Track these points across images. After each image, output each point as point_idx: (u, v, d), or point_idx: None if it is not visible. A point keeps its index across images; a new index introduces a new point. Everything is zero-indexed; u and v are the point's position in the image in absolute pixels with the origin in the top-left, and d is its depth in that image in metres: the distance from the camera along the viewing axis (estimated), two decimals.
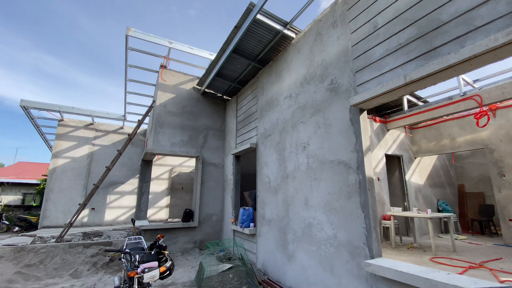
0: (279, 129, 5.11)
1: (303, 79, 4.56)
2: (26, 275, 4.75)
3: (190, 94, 7.80)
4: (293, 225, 4.36)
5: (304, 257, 4.02)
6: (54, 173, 9.34)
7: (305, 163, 4.23)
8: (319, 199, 3.85)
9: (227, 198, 7.32)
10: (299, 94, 4.63)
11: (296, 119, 4.61)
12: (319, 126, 4.04)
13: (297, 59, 4.82)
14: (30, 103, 8.73)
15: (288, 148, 4.76)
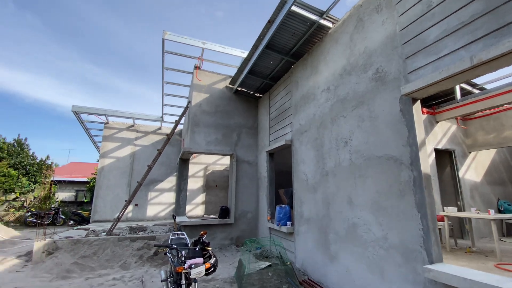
0: (316, 124, 4.90)
1: (343, 70, 4.30)
2: (82, 265, 5.19)
3: (223, 93, 7.89)
4: (335, 225, 4.15)
5: (348, 259, 3.80)
6: (102, 172, 10.15)
7: (348, 159, 3.99)
8: (365, 197, 3.59)
9: (262, 196, 7.28)
10: (338, 87, 4.38)
11: (336, 113, 4.37)
12: (363, 120, 3.77)
13: (335, 49, 4.56)
14: (80, 108, 9.56)
15: (327, 144, 4.54)
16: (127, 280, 4.58)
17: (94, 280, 4.59)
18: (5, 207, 14.41)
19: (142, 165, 10.76)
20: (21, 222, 13.00)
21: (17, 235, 7.84)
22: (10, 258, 5.72)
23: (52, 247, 5.64)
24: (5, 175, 14.20)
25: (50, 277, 4.65)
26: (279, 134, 6.55)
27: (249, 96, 8.19)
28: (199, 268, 2.73)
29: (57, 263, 5.08)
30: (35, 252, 5.47)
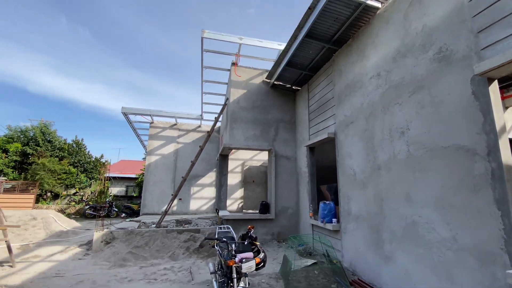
0: (365, 114, 4.54)
1: (396, 53, 3.89)
2: (136, 254, 5.57)
3: (260, 88, 7.81)
4: (390, 223, 3.81)
5: (406, 260, 3.45)
6: (149, 169, 10.86)
7: (405, 151, 3.61)
8: (427, 193, 3.21)
9: (302, 192, 7.07)
10: (390, 71, 3.99)
11: (389, 101, 3.99)
12: (422, 106, 3.36)
13: (386, 31, 4.16)
14: (128, 110, 10.30)
15: (378, 135, 4.18)
16: (176, 271, 4.79)
17: (147, 269, 4.88)
18: (66, 201, 16.31)
19: (184, 161, 11.26)
20: (81, 214, 14.57)
21: (78, 226, 8.78)
22: (73, 247, 6.39)
23: (109, 237, 6.16)
24: (66, 172, 16.04)
25: (109, 265, 5.07)
26: (320, 127, 6.27)
27: (286, 90, 8.00)
28: (250, 262, 2.70)
29: (114, 252, 5.53)
30: (95, 242, 6.03)
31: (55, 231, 7.24)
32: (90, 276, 4.46)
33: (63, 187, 16.02)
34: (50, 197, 15.56)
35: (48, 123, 16.56)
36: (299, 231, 7.16)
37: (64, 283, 4.16)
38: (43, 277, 4.43)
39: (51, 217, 7.63)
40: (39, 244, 6.50)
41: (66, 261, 5.33)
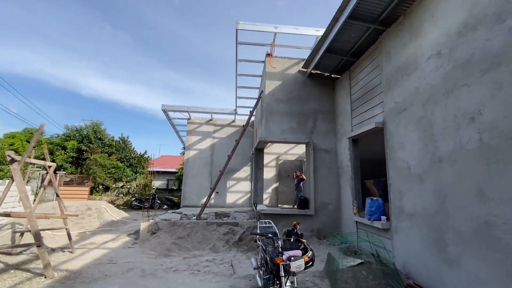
0: (421, 99, 4.02)
1: (462, 26, 3.33)
2: (179, 245, 5.76)
3: (296, 78, 7.49)
4: (456, 223, 3.32)
5: (477, 265, 2.97)
6: (188, 163, 11.25)
7: (475, 140, 3.09)
8: (506, 189, 2.70)
9: (344, 187, 6.66)
10: (455, 48, 3.43)
11: (453, 83, 3.45)
12: (500, 86, 2.82)
13: (449, 2, 3.58)
14: (168, 107, 10.73)
15: (439, 123, 3.66)
16: (218, 263, 4.82)
17: (191, 260, 5.00)
18: (115, 193, 17.78)
19: (220, 156, 11.45)
20: (128, 205, 15.76)
21: (126, 216, 9.46)
22: (123, 236, 6.85)
23: (154, 227, 6.47)
24: (115, 167, 17.45)
25: (155, 254, 5.31)
26: (365, 116, 5.79)
27: (324, 79, 7.56)
28: (299, 261, 2.52)
29: (159, 242, 5.78)
30: (142, 231, 6.38)
31: (107, 220, 7.88)
32: (138, 264, 4.70)
33: (112, 181, 17.48)
34: (102, 190, 17.11)
35: (99, 123, 18.13)
36: (340, 228, 6.79)
37: (116, 269, 4.44)
38: (98, 263, 4.79)
39: (103, 207, 8.32)
40: (94, 232, 7.11)
41: (117, 249, 5.72)
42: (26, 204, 4.06)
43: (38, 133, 4.24)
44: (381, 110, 5.13)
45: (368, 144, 7.05)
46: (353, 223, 6.11)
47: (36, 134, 4.25)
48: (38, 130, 4.25)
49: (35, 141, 4.24)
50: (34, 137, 4.25)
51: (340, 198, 6.91)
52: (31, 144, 4.18)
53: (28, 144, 15.49)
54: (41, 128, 4.30)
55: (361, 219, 5.53)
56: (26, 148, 14.55)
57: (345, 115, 6.76)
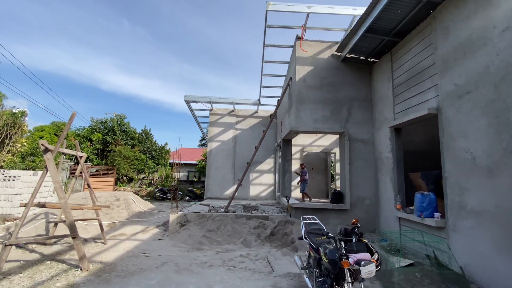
0: (492, 80, 3.44)
1: None
2: (210, 238, 5.56)
3: (329, 63, 6.96)
4: None
5: None
6: (210, 155, 11.09)
7: None
8: None
9: (384, 180, 6.15)
10: None
11: None
12: None
13: None
14: (190, 97, 10.54)
15: None
16: (253, 259, 4.57)
17: (224, 254, 4.78)
18: (138, 184, 18.14)
19: (243, 147, 11.19)
20: (151, 196, 16.00)
21: (152, 207, 9.47)
22: (152, 227, 6.78)
23: (183, 219, 6.32)
24: (138, 159, 17.76)
25: (187, 248, 5.14)
26: (411, 102, 5.21)
27: (360, 63, 6.97)
28: (369, 266, 2.16)
29: (190, 235, 5.62)
30: (171, 223, 6.26)
31: (134, 211, 7.88)
32: (172, 257, 4.54)
33: (135, 172, 17.84)
34: (126, 181, 17.51)
35: (122, 116, 18.44)
36: (378, 225, 6.32)
37: (150, 262, 4.29)
38: (131, 255, 4.68)
39: (130, 198, 8.35)
40: (123, 223, 7.10)
41: (148, 241, 5.62)
42: (60, 194, 3.96)
43: (70, 122, 4.11)
44: (435, 94, 4.55)
45: (410, 134, 6.47)
46: (394, 220, 5.63)
47: (69, 123, 4.12)
48: (71, 118, 4.12)
49: (68, 129, 4.11)
50: (66, 125, 4.12)
51: (378, 192, 6.41)
52: (64, 132, 4.06)
53: (56, 138, 16.05)
54: (73, 117, 4.16)
55: (407, 216, 5.04)
56: (55, 141, 15.08)
57: (385, 102, 6.19)
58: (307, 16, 6.40)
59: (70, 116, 4.14)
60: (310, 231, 3.37)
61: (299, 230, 5.52)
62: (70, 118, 4.15)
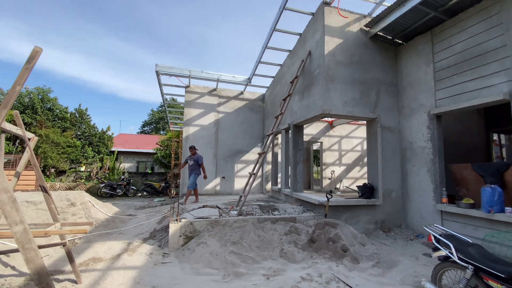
0: None
1: None
2: (240, 255, 4.10)
3: (358, 39, 6.07)
4: None
5: None
6: (187, 141, 9.10)
7: None
8: None
9: (416, 172, 5.72)
10: None
11: None
12: None
13: None
14: (163, 68, 8.28)
15: None
16: (323, 282, 3.38)
17: (277, 280, 3.43)
18: (72, 178, 14.36)
19: (227, 134, 9.58)
20: (94, 193, 12.78)
21: (117, 210, 7.15)
22: (137, 242, 4.84)
23: (189, 230, 4.63)
24: (71, 146, 13.90)
25: (218, 274, 3.59)
26: (465, 88, 4.76)
27: (387, 43, 6.31)
28: None
29: (212, 253, 4.02)
30: (172, 236, 4.49)
31: (99, 219, 5.57)
32: None
33: (67, 162, 13.95)
34: (54, 174, 13.52)
35: (47, 90, 13.97)
36: (406, 219, 5.92)
37: None
38: None
39: (88, 201, 5.92)
40: (88, 238, 4.87)
41: (147, 268, 3.78)
42: (14, 216, 1.94)
43: (32, 64, 2.04)
44: (507, 79, 4.11)
45: (447, 125, 6.20)
46: (433, 214, 5.24)
47: (28, 66, 2.04)
48: (34, 58, 2.05)
49: (25, 79, 2.05)
50: (22, 73, 2.05)
51: (406, 184, 5.97)
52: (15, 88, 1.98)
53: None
54: (38, 55, 2.09)
55: (456, 209, 4.66)
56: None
57: (421, 87, 5.68)
58: None
59: (32, 54, 2.07)
60: (466, 249, 2.40)
61: (347, 234, 4.57)
62: (33, 57, 2.07)
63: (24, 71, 2.04)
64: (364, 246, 4.46)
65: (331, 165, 10.34)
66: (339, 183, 10.26)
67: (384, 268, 3.93)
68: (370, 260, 4.12)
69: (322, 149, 10.52)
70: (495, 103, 4.30)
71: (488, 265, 2.20)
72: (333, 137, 10.49)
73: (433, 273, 2.79)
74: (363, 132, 10.92)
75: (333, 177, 10.19)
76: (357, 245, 4.44)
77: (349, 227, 4.81)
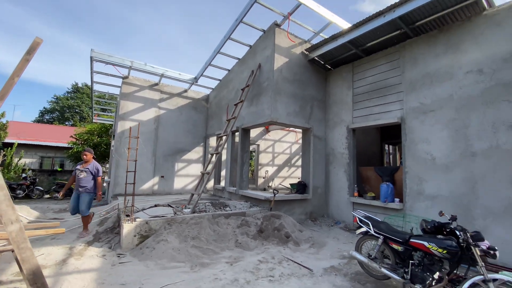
0: (455, 105, 4.95)
1: (509, 55, 4.35)
2: (201, 248, 4.41)
3: (300, 60, 7.19)
4: (485, 202, 4.43)
5: (505, 232, 4.16)
6: (122, 137, 8.42)
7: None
8: None
9: (335, 172, 7.22)
10: (499, 71, 4.44)
11: (494, 97, 4.46)
12: None
13: (495, 32, 4.54)
14: (101, 55, 7.50)
15: (474, 126, 4.66)
16: (276, 262, 4.10)
17: (240, 265, 3.95)
18: None
19: (168, 131, 9.33)
20: None
21: (38, 214, 6.02)
22: (81, 246, 4.45)
23: (145, 229, 4.60)
24: None
25: (186, 266, 3.83)
26: (373, 111, 6.43)
27: (320, 67, 7.68)
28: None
29: (174, 248, 4.18)
30: (126, 237, 4.39)
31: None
32: (190, 286, 3.24)
33: None
34: None
35: None
36: (327, 210, 7.36)
37: None
38: None
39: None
40: None
41: (105, 269, 3.63)
42: (10, 214, 1.84)
43: (31, 54, 1.93)
44: (400, 107, 5.87)
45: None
46: (347, 205, 6.78)
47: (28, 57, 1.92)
48: (35, 48, 1.94)
49: (22, 70, 1.96)
50: (20, 66, 1.91)
51: (328, 182, 7.43)
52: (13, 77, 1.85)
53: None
54: (37, 46, 1.99)
55: (364, 201, 6.26)
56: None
57: (343, 106, 7.21)
58: (297, 6, 6.26)
59: (33, 45, 1.96)
60: (378, 225, 3.52)
61: (289, 224, 5.48)
62: (34, 49, 1.96)
63: (24, 63, 1.93)
64: (302, 232, 5.47)
65: (265, 165, 11.43)
66: (271, 181, 11.46)
67: (318, 248, 4.98)
68: (307, 242, 5.12)
69: (258, 151, 11.49)
70: (391, 124, 6.03)
71: (392, 234, 3.36)
72: (268, 140, 11.62)
73: (357, 244, 3.89)
74: (292, 137, 12.52)
75: (266, 176, 11.30)
76: (297, 231, 5.41)
77: (289, 217, 5.76)
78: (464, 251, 2.73)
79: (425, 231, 3.18)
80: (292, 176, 12.27)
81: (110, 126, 13.48)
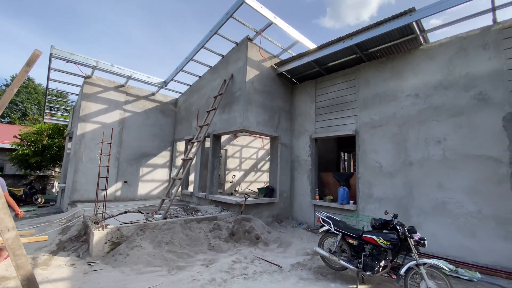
0: (398, 122, 5.93)
1: (438, 84, 5.43)
2: (175, 252, 4.53)
3: (269, 73, 7.73)
4: (419, 203, 5.41)
5: (434, 227, 5.14)
6: (82, 140, 7.94)
7: (440, 154, 5.24)
8: (459, 183, 4.94)
9: (300, 177, 7.87)
10: (430, 96, 5.50)
11: (426, 117, 5.51)
12: (460, 126, 5.05)
13: (429, 64, 5.62)
14: (62, 53, 7.07)
15: (412, 140, 5.66)
16: (249, 261, 4.43)
17: (215, 266, 4.20)
18: None
19: (133, 135, 9.05)
20: None
21: None
22: (45, 256, 4.22)
23: (117, 235, 4.55)
24: None
25: (163, 269, 3.93)
26: (333, 123, 7.23)
27: (287, 80, 8.33)
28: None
29: (149, 254, 4.24)
30: (96, 244, 4.30)
31: None
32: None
33: None
34: None
35: None
36: (292, 212, 7.95)
37: None
38: None
39: None
40: None
41: (78, 278, 3.55)
42: (7, 221, 1.88)
43: (31, 65, 1.98)
44: (354, 122, 6.75)
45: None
46: (310, 207, 7.46)
47: (28, 66, 1.98)
48: (34, 60, 2.00)
49: (22, 79, 2.03)
50: (21, 75, 1.97)
51: (293, 186, 8.04)
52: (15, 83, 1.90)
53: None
54: (36, 58, 2.05)
55: (326, 203, 6.97)
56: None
57: (306, 118, 7.93)
58: (269, 25, 6.78)
59: (32, 57, 2.03)
60: (338, 224, 4.11)
61: (258, 226, 5.87)
62: (33, 61, 2.02)
63: (23, 74, 1.99)
64: (270, 233, 5.90)
65: (233, 170, 11.70)
66: (238, 186, 11.76)
67: (285, 247, 5.45)
68: (275, 243, 5.56)
69: (226, 156, 11.72)
70: (347, 135, 6.87)
71: (349, 231, 3.97)
72: (236, 145, 11.94)
73: (319, 241, 4.44)
74: (259, 143, 13.04)
75: (234, 181, 11.57)
76: (266, 233, 5.82)
77: (259, 220, 6.15)
78: (403, 242, 3.42)
79: (374, 227, 3.85)
80: (258, 180, 12.74)
81: (63, 127, 12.38)
